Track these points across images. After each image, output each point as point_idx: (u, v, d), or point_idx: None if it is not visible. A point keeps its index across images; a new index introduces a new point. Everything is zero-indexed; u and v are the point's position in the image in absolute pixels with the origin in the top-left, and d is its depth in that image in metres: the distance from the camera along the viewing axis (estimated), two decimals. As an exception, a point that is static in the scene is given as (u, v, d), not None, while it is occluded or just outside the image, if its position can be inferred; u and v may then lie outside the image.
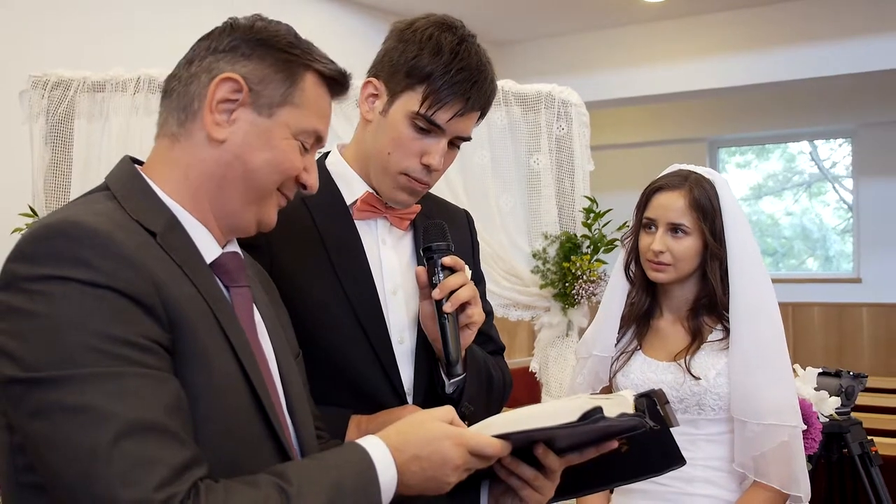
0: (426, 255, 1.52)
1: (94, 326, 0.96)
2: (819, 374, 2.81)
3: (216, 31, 1.21)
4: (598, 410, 1.10)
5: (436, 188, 1.70)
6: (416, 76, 1.52)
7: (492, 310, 1.81)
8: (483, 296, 1.69)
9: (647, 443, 1.29)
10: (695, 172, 2.08)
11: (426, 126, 1.52)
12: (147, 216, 1.11)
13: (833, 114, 8.19)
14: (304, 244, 1.57)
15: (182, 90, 1.18)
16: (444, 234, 1.53)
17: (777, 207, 9.15)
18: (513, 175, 3.40)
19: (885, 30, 5.98)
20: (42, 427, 0.94)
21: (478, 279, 1.74)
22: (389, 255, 1.63)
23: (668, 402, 1.27)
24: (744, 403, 1.96)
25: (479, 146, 3.33)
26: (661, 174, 2.14)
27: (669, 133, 8.75)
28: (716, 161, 8.99)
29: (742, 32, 6.41)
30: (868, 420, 3.42)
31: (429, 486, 1.11)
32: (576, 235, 3.33)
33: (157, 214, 1.12)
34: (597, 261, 3.32)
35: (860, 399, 3.07)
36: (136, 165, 1.19)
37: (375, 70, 1.59)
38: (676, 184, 2.06)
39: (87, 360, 0.95)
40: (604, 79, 6.78)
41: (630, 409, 1.17)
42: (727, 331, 2.03)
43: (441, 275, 1.49)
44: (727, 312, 2.03)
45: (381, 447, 1.09)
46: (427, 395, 1.59)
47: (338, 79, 1.24)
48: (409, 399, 1.58)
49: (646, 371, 2.09)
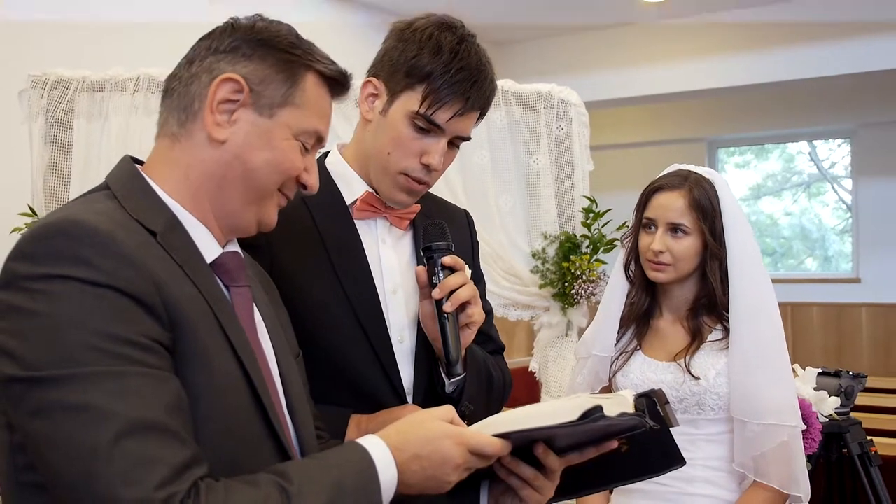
0: (426, 255, 1.53)
1: (95, 325, 0.96)
2: (818, 374, 2.81)
3: (217, 31, 1.21)
4: (599, 409, 1.10)
5: (435, 188, 1.70)
6: (416, 76, 1.52)
7: (491, 309, 1.81)
8: (483, 295, 1.69)
9: (647, 443, 1.29)
10: (695, 172, 2.08)
11: (426, 126, 1.53)
12: (147, 216, 1.11)
13: (832, 114, 8.19)
14: (304, 244, 1.57)
15: (182, 90, 1.18)
16: (444, 234, 1.53)
17: (776, 207, 9.15)
18: (512, 175, 3.40)
19: (885, 30, 5.98)
20: (43, 426, 0.94)
21: (477, 279, 1.74)
22: (389, 255, 1.63)
23: (668, 402, 1.27)
24: (744, 403, 1.96)
25: (479, 146, 3.33)
26: (661, 174, 2.14)
27: (669, 133, 8.75)
28: (715, 161, 8.99)
29: (741, 32, 6.41)
30: (867, 420, 3.42)
31: (429, 486, 1.11)
32: (575, 235, 3.33)
33: (158, 214, 1.12)
34: (596, 261, 3.32)
35: (859, 399, 3.07)
36: (137, 165, 1.19)
37: (375, 70, 1.59)
38: (676, 184, 2.06)
39: (88, 359, 0.95)
40: (603, 79, 6.78)
41: (630, 409, 1.17)
42: (727, 331, 2.03)
43: (441, 274, 1.49)
44: (727, 312, 2.03)
45: (382, 446, 1.09)
46: (427, 395, 1.59)
47: (338, 79, 1.24)
48: (409, 398, 1.58)
49: (645, 371, 2.09)
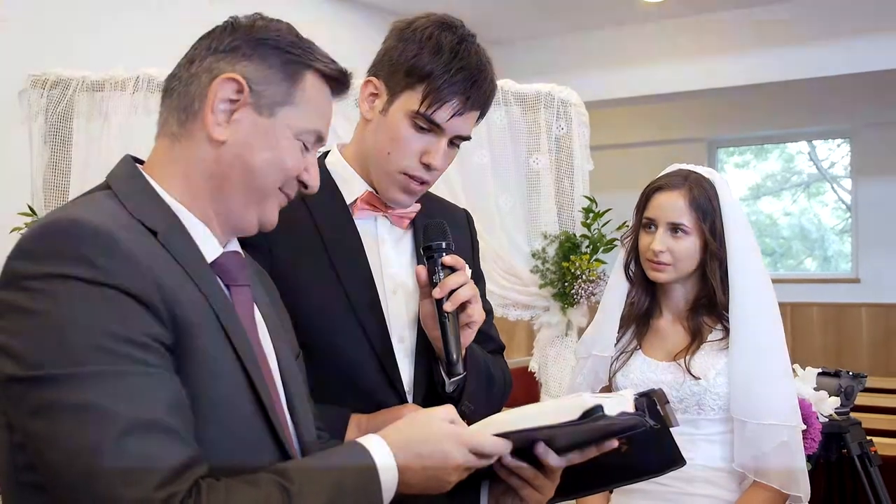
0: (426, 254, 1.53)
1: (96, 325, 0.96)
2: (818, 375, 2.81)
3: (217, 31, 1.20)
4: (599, 409, 1.10)
5: (435, 188, 1.70)
6: (416, 75, 1.52)
7: (492, 309, 1.81)
8: (483, 295, 1.69)
9: (648, 443, 1.29)
10: (695, 172, 2.08)
11: (426, 125, 1.53)
12: (148, 215, 1.10)
13: (832, 114, 8.19)
14: (304, 244, 1.57)
15: (182, 90, 1.18)
16: (445, 233, 1.53)
17: (775, 207, 9.15)
18: (512, 175, 3.40)
19: (884, 30, 5.97)
20: (43, 426, 0.94)
21: (477, 278, 1.74)
22: (389, 255, 1.63)
23: (668, 402, 1.27)
24: (743, 403, 1.96)
25: (479, 146, 3.33)
26: (661, 174, 2.14)
27: (668, 133, 8.75)
28: (714, 161, 8.99)
29: (741, 32, 6.41)
30: (867, 420, 3.41)
31: (429, 486, 1.11)
32: (575, 235, 3.33)
33: (158, 213, 1.12)
34: (596, 260, 3.32)
35: (859, 399, 3.07)
36: (137, 164, 1.19)
37: (375, 69, 1.59)
38: (676, 183, 2.06)
39: (89, 359, 0.94)
40: (603, 79, 6.77)
41: (630, 409, 1.17)
42: (727, 331, 2.03)
43: (441, 274, 1.49)
44: (727, 312, 2.03)
45: (382, 446, 1.09)
46: (427, 394, 1.59)
47: (339, 78, 1.24)
48: (409, 398, 1.58)
49: (645, 371, 2.09)
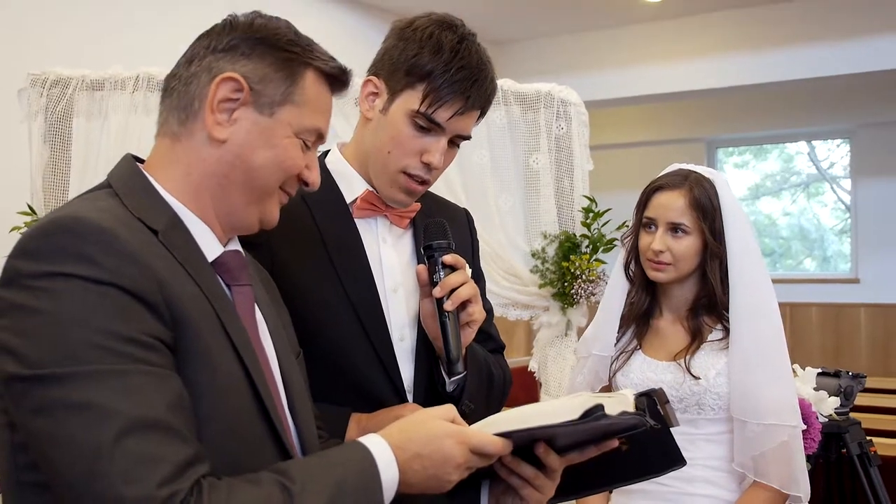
0: (427, 253, 1.52)
1: (98, 323, 0.96)
2: (818, 375, 2.81)
3: (215, 30, 1.20)
4: (600, 408, 1.09)
5: (434, 187, 1.70)
6: (417, 74, 1.52)
7: (492, 308, 1.81)
8: (483, 294, 1.69)
9: (648, 443, 1.29)
10: (695, 172, 2.08)
11: (426, 124, 1.52)
12: (149, 214, 1.10)
13: (831, 114, 8.20)
14: (305, 243, 1.57)
15: (182, 89, 1.17)
16: (445, 232, 1.52)
17: (775, 208, 9.15)
18: (512, 174, 3.40)
19: (883, 30, 5.98)
20: (45, 424, 0.94)
21: (477, 277, 1.74)
22: (389, 254, 1.63)
23: (669, 402, 1.26)
24: (744, 403, 1.96)
25: (479, 145, 3.33)
26: (662, 173, 2.13)
27: (668, 133, 8.76)
28: (714, 161, 8.99)
29: (740, 32, 6.42)
30: (867, 420, 3.42)
31: (430, 485, 1.11)
32: (575, 235, 3.33)
33: (159, 212, 1.12)
34: (596, 260, 3.32)
35: (858, 399, 3.07)
36: (138, 163, 1.19)
37: (376, 68, 1.59)
38: (676, 183, 2.06)
39: (91, 357, 0.94)
40: (603, 78, 6.78)
41: (631, 408, 1.17)
42: (727, 330, 2.03)
43: (442, 273, 1.49)
44: (727, 312, 2.03)
45: (383, 445, 1.09)
46: (427, 394, 1.59)
47: (338, 75, 1.24)
48: (410, 397, 1.58)
49: (645, 371, 2.08)
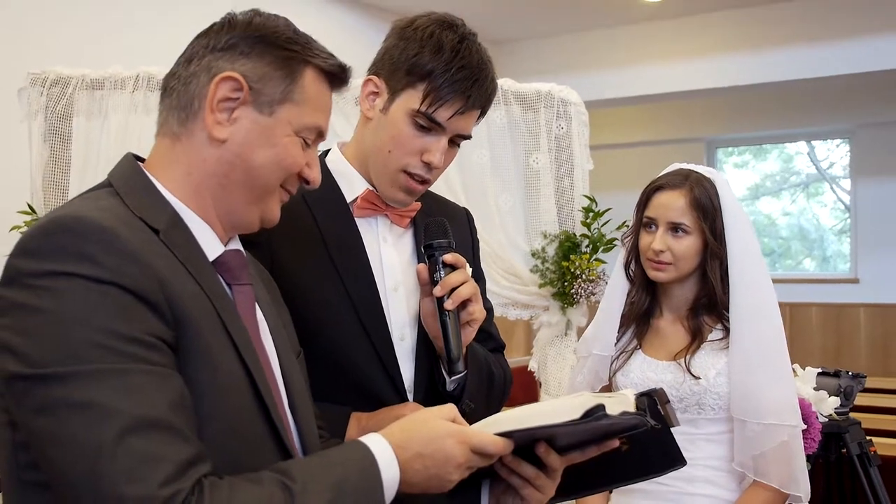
0: (427, 253, 1.52)
1: (99, 323, 0.95)
2: (818, 375, 2.81)
3: (214, 28, 1.20)
4: (601, 408, 1.09)
5: (434, 187, 1.70)
6: (417, 74, 1.51)
7: (492, 308, 1.81)
8: (483, 294, 1.69)
9: (648, 443, 1.29)
10: (695, 171, 2.08)
11: (427, 124, 1.52)
12: (150, 213, 1.10)
13: (831, 114, 8.20)
14: (305, 242, 1.57)
15: (182, 89, 1.17)
16: (446, 232, 1.52)
17: (774, 208, 9.15)
18: (512, 174, 3.40)
19: (883, 30, 5.98)
20: (47, 424, 0.94)
21: (478, 277, 1.73)
22: (390, 253, 1.63)
23: (669, 402, 1.26)
24: (744, 403, 1.96)
25: (479, 145, 3.33)
26: (662, 173, 2.13)
27: (667, 133, 8.76)
28: (713, 161, 9.00)
29: (740, 32, 6.42)
30: (867, 420, 3.42)
31: (431, 485, 1.10)
32: (575, 235, 3.33)
33: (160, 211, 1.12)
34: (596, 260, 3.32)
35: (858, 399, 3.07)
36: (139, 162, 1.19)
37: (376, 68, 1.59)
38: (677, 183, 2.06)
39: (92, 357, 0.94)
40: (603, 78, 6.78)
41: (631, 408, 1.17)
42: (727, 330, 2.03)
43: (442, 272, 1.49)
44: (727, 312, 2.03)
45: (384, 445, 1.09)
46: (428, 393, 1.59)
47: (337, 73, 1.24)
48: (410, 396, 1.58)
49: (645, 370, 2.08)
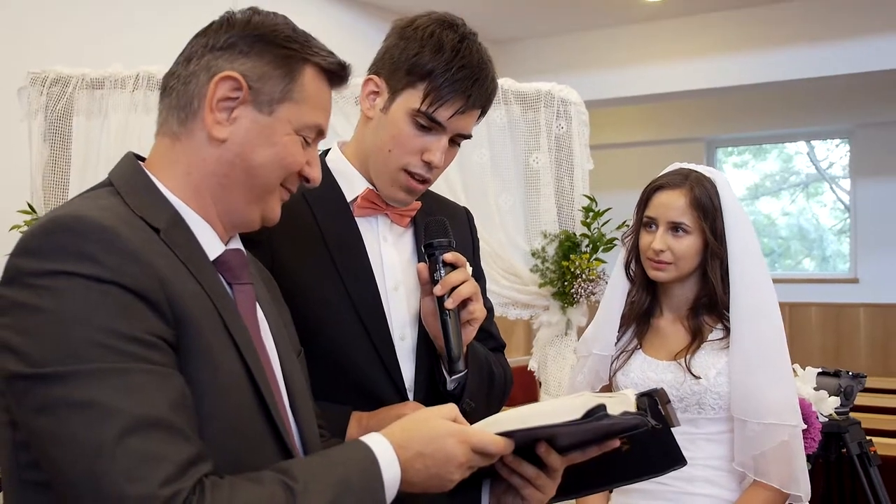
0: (427, 252, 1.52)
1: (100, 322, 0.95)
2: (818, 374, 2.82)
3: (213, 27, 1.20)
4: (602, 408, 1.09)
5: (434, 186, 1.70)
6: (418, 73, 1.51)
7: (492, 307, 1.81)
8: (483, 293, 1.69)
9: (649, 443, 1.29)
10: (696, 171, 2.08)
11: (427, 123, 1.52)
12: (150, 212, 1.10)
13: (830, 114, 8.20)
14: (305, 241, 1.57)
15: (181, 89, 1.17)
16: (446, 231, 1.52)
17: (774, 207, 9.16)
18: (512, 174, 3.40)
19: (883, 30, 5.98)
20: (47, 423, 0.94)
21: (478, 276, 1.73)
22: (390, 252, 1.63)
23: (670, 402, 1.26)
24: (744, 403, 1.96)
25: (479, 145, 3.33)
26: (662, 173, 2.13)
27: (667, 132, 8.76)
28: (713, 161, 9.00)
29: (740, 32, 6.42)
30: (867, 420, 3.42)
31: (432, 484, 1.10)
32: (575, 234, 3.33)
33: (161, 211, 1.12)
34: (596, 260, 3.32)
35: (858, 399, 3.07)
36: (139, 162, 1.19)
37: (376, 67, 1.59)
38: (677, 182, 2.06)
39: (93, 356, 0.94)
40: (603, 78, 6.78)
41: (632, 408, 1.17)
42: (727, 330, 2.03)
43: (442, 271, 1.49)
44: (727, 312, 2.03)
45: (385, 444, 1.09)
46: (428, 392, 1.59)
47: (337, 71, 1.23)
48: (410, 396, 1.58)
49: (646, 370, 2.08)
